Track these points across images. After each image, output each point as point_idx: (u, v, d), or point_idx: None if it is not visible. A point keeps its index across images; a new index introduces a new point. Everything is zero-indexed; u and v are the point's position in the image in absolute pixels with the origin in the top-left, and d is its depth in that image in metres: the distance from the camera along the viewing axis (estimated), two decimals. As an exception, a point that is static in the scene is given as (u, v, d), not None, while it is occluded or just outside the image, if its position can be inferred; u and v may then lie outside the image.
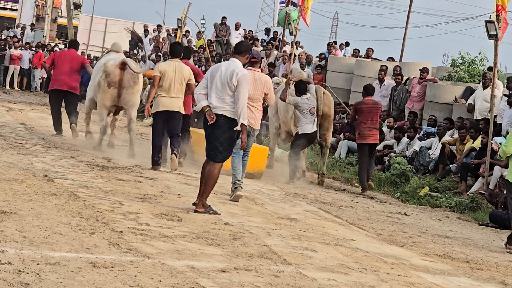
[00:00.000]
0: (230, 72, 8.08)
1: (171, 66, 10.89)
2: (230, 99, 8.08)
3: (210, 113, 8.09)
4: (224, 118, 8.09)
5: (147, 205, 8.08)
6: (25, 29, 35.87)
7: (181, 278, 5.33)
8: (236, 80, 8.03)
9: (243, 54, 8.31)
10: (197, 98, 8.26)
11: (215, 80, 8.13)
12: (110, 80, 12.22)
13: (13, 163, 9.57)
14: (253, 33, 27.16)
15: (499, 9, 12.41)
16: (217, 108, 8.09)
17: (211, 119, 8.09)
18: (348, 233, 8.36)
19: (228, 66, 8.19)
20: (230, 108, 8.09)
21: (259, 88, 9.81)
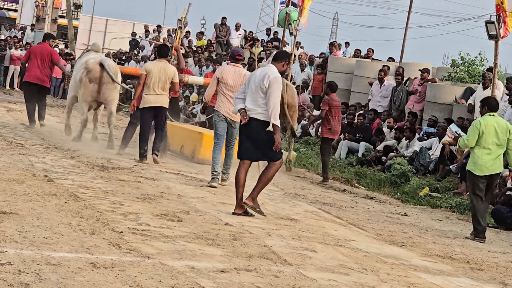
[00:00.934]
0: (263, 75, 8.37)
1: (156, 66, 11.66)
2: (262, 101, 8.35)
3: (243, 115, 8.43)
4: (257, 121, 8.39)
5: (147, 205, 8.08)
6: (25, 30, 35.90)
7: (181, 278, 5.33)
8: (268, 82, 8.30)
9: (279, 61, 8.60)
10: (235, 102, 8.67)
11: (251, 84, 8.47)
12: (91, 76, 12.99)
13: (13, 163, 9.57)
14: (253, 34, 27.15)
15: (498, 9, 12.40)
16: (250, 111, 8.41)
17: (244, 119, 8.42)
18: (348, 233, 8.36)
19: (262, 70, 8.52)
20: (262, 111, 8.37)
21: (238, 81, 10.43)
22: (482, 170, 9.34)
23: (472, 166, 9.42)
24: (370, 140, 15.78)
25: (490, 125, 9.33)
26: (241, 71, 10.67)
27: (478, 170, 9.35)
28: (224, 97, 10.48)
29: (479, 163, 9.34)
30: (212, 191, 9.94)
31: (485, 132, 9.30)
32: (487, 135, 9.30)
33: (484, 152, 9.32)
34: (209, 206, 8.71)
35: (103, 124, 17.85)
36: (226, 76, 10.55)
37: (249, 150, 8.44)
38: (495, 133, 9.32)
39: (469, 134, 9.45)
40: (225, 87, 10.50)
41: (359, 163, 15.11)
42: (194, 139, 13.16)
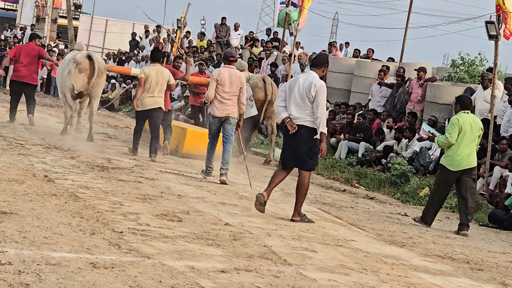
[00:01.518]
0: (308, 84, 8.48)
1: (153, 69, 12.47)
2: (309, 110, 8.49)
3: (291, 124, 8.54)
4: (305, 128, 8.51)
5: (147, 205, 8.08)
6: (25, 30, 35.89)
7: (181, 278, 5.33)
8: (315, 91, 8.44)
9: (319, 67, 8.73)
10: (278, 110, 8.78)
11: (294, 92, 8.55)
12: (82, 67, 13.61)
13: (14, 164, 9.57)
14: (253, 34, 27.16)
15: (498, 9, 12.40)
16: (297, 119, 8.52)
17: (292, 128, 8.52)
18: (348, 233, 8.36)
19: (306, 78, 8.60)
20: (310, 119, 8.50)
21: (235, 83, 10.95)
22: (457, 166, 9.68)
23: (447, 161, 9.73)
24: (370, 140, 15.78)
25: (467, 122, 9.65)
26: (237, 73, 11.07)
27: (453, 166, 9.68)
28: (218, 101, 10.91)
29: (455, 159, 9.66)
30: (212, 191, 9.94)
31: (463, 128, 9.63)
32: (464, 132, 9.63)
33: (461, 148, 9.64)
34: (209, 206, 8.71)
35: (102, 124, 17.96)
36: (223, 78, 10.92)
37: (290, 159, 8.70)
38: (471, 130, 9.66)
39: (450, 131, 9.67)
40: (222, 89, 10.89)
41: (359, 163, 15.11)
42: (178, 134, 13.68)
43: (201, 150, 12.47)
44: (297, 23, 20.19)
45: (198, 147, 13.15)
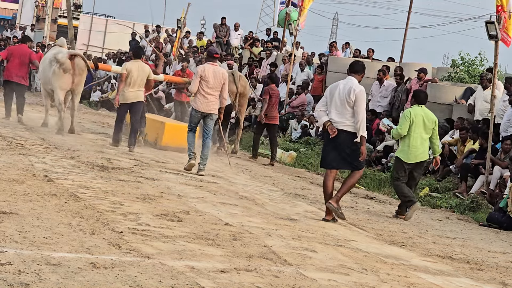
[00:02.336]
0: (348, 89, 8.82)
1: (135, 65, 13.24)
2: (349, 114, 8.82)
3: (332, 127, 8.85)
4: (345, 132, 8.85)
5: (147, 205, 8.08)
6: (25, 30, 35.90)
7: (181, 278, 5.33)
8: (354, 96, 8.78)
9: (359, 73, 9.11)
10: (318, 115, 9.11)
11: (334, 97, 8.89)
12: (65, 67, 14.31)
13: (14, 164, 9.57)
14: (253, 34, 27.17)
15: (499, 9, 12.40)
16: (338, 123, 8.84)
17: (333, 132, 8.82)
18: (348, 233, 8.36)
19: (345, 84, 8.93)
20: (350, 123, 8.83)
21: (219, 79, 11.50)
22: (410, 158, 10.18)
23: (401, 153, 10.26)
24: (370, 140, 15.77)
25: (419, 115, 10.14)
26: (220, 70, 11.69)
27: (407, 157, 10.20)
28: (202, 96, 11.47)
29: (408, 151, 10.17)
30: (212, 191, 9.94)
31: (415, 121, 10.10)
32: (416, 125, 10.11)
33: (414, 141, 10.13)
34: (209, 206, 8.71)
35: (103, 124, 18.01)
36: (207, 74, 11.47)
37: (335, 160, 8.95)
38: (423, 123, 10.13)
39: (401, 124, 10.23)
40: (206, 85, 11.44)
41: (359, 163, 15.09)
42: (157, 128, 14.54)
43: (178, 142, 13.82)
44: (297, 23, 20.20)
45: (176, 140, 14.11)
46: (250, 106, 20.59)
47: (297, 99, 19.22)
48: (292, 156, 15.94)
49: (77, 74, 14.40)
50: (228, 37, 27.28)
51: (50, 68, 14.47)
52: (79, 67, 14.42)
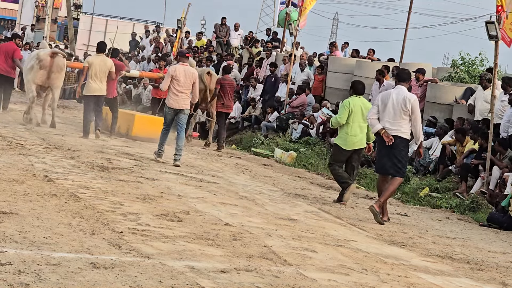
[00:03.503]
0: (403, 99, 9.38)
1: (97, 59, 14.38)
2: (403, 122, 9.40)
3: (387, 135, 9.40)
4: (400, 139, 9.42)
5: (147, 205, 8.08)
6: (25, 30, 35.88)
7: (181, 278, 5.33)
8: (410, 105, 9.36)
9: (406, 81, 9.73)
10: (371, 123, 9.60)
11: (388, 107, 9.41)
12: (42, 64, 15.33)
13: (14, 164, 9.57)
14: (253, 34, 27.16)
15: (499, 9, 12.40)
16: (392, 130, 9.40)
17: (389, 140, 9.35)
18: (348, 233, 8.36)
19: (398, 93, 9.45)
20: (403, 130, 9.42)
21: (189, 78, 12.33)
22: (348, 145, 10.70)
23: (340, 141, 10.77)
24: (370, 140, 15.76)
25: (357, 105, 10.67)
26: (190, 69, 12.52)
27: (345, 144, 10.71)
28: (174, 94, 12.31)
29: (347, 139, 10.69)
30: (212, 191, 9.94)
31: (354, 111, 10.62)
32: (355, 114, 10.63)
33: (352, 129, 10.66)
34: (209, 206, 8.71)
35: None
36: (178, 74, 12.30)
37: (386, 165, 9.52)
38: (361, 112, 10.62)
39: (340, 113, 10.75)
40: (177, 84, 12.27)
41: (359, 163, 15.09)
42: (128, 120, 15.74)
43: (147, 133, 15.11)
44: (297, 23, 20.19)
45: (145, 130, 15.37)
46: (250, 106, 20.67)
47: (297, 99, 19.21)
48: (292, 156, 15.95)
49: (54, 71, 15.37)
50: (228, 37, 27.27)
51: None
52: (58, 65, 15.39)
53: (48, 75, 15.38)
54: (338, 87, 19.33)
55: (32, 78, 15.47)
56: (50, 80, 15.46)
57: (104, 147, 13.12)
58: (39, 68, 15.35)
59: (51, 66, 15.34)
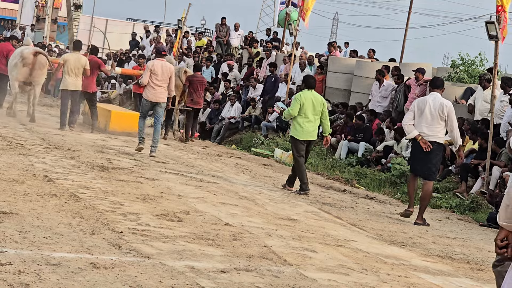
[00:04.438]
0: (439, 105, 9.77)
1: (72, 56, 15.27)
2: (440, 127, 9.82)
3: (424, 141, 9.80)
4: (437, 144, 9.85)
5: (147, 205, 8.08)
6: (25, 30, 35.87)
7: (181, 278, 5.33)
8: (447, 111, 9.76)
9: (440, 88, 10.07)
10: (408, 129, 9.95)
11: (425, 113, 9.77)
12: (25, 62, 16.19)
13: (14, 164, 9.57)
14: (253, 34, 27.15)
15: (499, 9, 12.40)
16: (428, 136, 9.80)
17: (427, 146, 9.75)
18: (348, 233, 8.36)
19: (434, 100, 9.83)
20: (441, 135, 9.88)
21: (166, 73, 13.14)
22: (303, 136, 11.25)
23: (294, 132, 11.34)
24: (370, 140, 15.77)
25: (309, 98, 11.24)
26: (167, 65, 13.33)
27: (299, 135, 11.26)
28: (151, 87, 13.07)
29: (301, 130, 11.24)
30: (212, 191, 9.94)
31: (305, 104, 11.19)
32: (306, 107, 11.19)
33: (305, 121, 11.21)
34: (209, 206, 8.71)
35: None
36: (156, 68, 13.09)
37: (421, 169, 9.93)
38: (313, 105, 11.23)
39: (292, 106, 11.34)
40: (155, 78, 13.05)
41: (359, 163, 15.10)
42: (105, 115, 16.59)
43: (124, 128, 16.16)
44: (297, 23, 20.19)
45: (121, 125, 16.33)
46: (250, 106, 20.67)
47: (297, 99, 19.21)
48: (292, 156, 15.94)
49: (36, 69, 16.25)
50: (228, 37, 27.27)
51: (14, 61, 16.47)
52: (40, 63, 16.29)
53: (30, 72, 16.26)
54: (338, 87, 19.32)
55: (16, 75, 16.34)
56: (32, 77, 16.35)
57: (104, 147, 13.13)
58: (22, 66, 16.15)
59: (34, 63, 16.18)
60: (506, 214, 3.78)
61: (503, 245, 3.85)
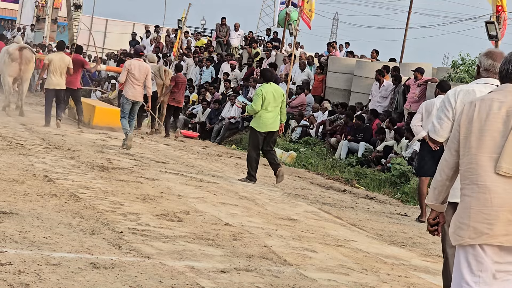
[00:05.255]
0: None
1: (57, 56, 15.97)
2: None
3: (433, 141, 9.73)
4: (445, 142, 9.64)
5: (147, 205, 8.08)
6: (25, 30, 35.84)
7: (181, 278, 5.33)
8: None
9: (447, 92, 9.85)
10: (416, 130, 9.92)
11: (432, 114, 9.63)
12: (13, 58, 17.13)
13: (14, 164, 9.57)
14: (253, 34, 27.14)
15: (499, 9, 12.41)
16: None
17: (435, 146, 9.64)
18: (348, 233, 8.36)
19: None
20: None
21: (143, 72, 13.90)
22: (263, 127, 11.56)
23: (255, 124, 11.63)
24: (370, 140, 15.77)
25: (269, 91, 11.58)
26: (144, 64, 14.15)
27: (260, 127, 11.56)
28: (130, 85, 13.79)
29: (261, 122, 11.56)
30: (212, 191, 9.94)
31: (267, 97, 11.53)
32: (267, 100, 11.53)
33: (266, 113, 11.54)
34: (209, 206, 8.71)
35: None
36: (133, 68, 13.84)
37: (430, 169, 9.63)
38: (274, 97, 11.59)
39: (255, 101, 11.60)
40: (133, 77, 13.78)
41: (359, 163, 15.10)
42: (89, 110, 17.42)
43: (107, 122, 16.90)
44: (297, 23, 20.19)
45: (104, 120, 17.09)
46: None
47: (296, 99, 19.21)
48: (292, 156, 15.95)
49: (23, 63, 17.14)
50: (228, 37, 27.27)
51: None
52: (26, 57, 17.19)
53: (19, 67, 17.16)
54: (338, 87, 19.31)
55: (7, 72, 17.21)
56: (20, 72, 17.23)
57: (104, 147, 13.13)
58: (10, 61, 17.07)
59: (20, 58, 17.11)
60: (433, 196, 4.27)
61: (435, 223, 4.41)
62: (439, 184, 4.20)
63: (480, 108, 3.93)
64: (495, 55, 5.17)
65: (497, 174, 3.78)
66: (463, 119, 3.99)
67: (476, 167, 3.84)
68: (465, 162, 3.94)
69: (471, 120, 3.94)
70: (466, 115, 3.99)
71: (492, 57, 5.17)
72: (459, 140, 4.01)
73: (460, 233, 3.87)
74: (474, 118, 3.93)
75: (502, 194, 3.76)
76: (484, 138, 3.87)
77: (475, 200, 3.82)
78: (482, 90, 5.13)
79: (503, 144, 3.80)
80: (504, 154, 3.78)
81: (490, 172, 3.80)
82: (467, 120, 3.96)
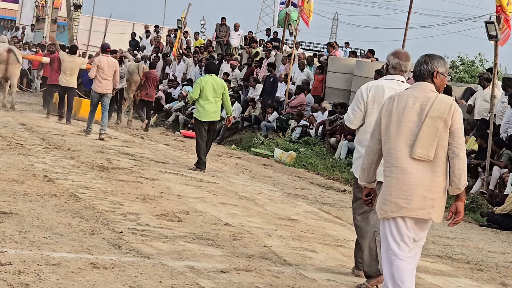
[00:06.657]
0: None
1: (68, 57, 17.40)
2: None
3: None
4: None
5: (147, 205, 8.08)
6: (25, 30, 35.82)
7: (181, 278, 5.33)
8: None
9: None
10: None
11: None
12: (1, 59, 18.41)
13: (13, 164, 9.57)
14: (253, 34, 27.13)
15: (498, 10, 12.40)
16: None
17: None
18: (348, 233, 8.35)
19: None
20: None
21: (111, 68, 15.14)
22: (205, 117, 12.10)
23: (197, 114, 12.24)
24: (369, 140, 15.75)
25: (209, 82, 12.16)
26: (112, 60, 15.43)
27: (202, 117, 12.12)
28: (98, 81, 15.00)
29: (202, 112, 12.11)
30: (212, 191, 9.94)
31: (205, 87, 12.10)
32: (207, 90, 12.10)
33: (206, 103, 12.11)
34: (209, 206, 8.71)
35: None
36: (102, 64, 15.08)
37: None
38: (213, 88, 12.14)
39: (193, 89, 12.30)
40: (102, 72, 15.00)
41: (359, 163, 15.09)
42: (76, 104, 18.78)
43: None
44: (297, 23, 20.19)
45: None
46: (250, 106, 20.67)
47: (296, 99, 19.20)
48: (292, 156, 15.95)
49: (10, 63, 18.56)
50: (228, 37, 27.26)
51: None
52: (13, 59, 18.57)
53: (6, 67, 18.61)
54: (338, 87, 19.30)
55: None
56: (8, 71, 18.69)
57: (104, 147, 13.13)
58: None
59: (8, 59, 18.50)
60: (364, 177, 4.89)
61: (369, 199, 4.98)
62: (367, 167, 4.83)
63: (398, 103, 4.64)
64: (401, 55, 5.91)
65: (412, 158, 4.54)
66: (384, 112, 4.67)
67: (395, 152, 4.59)
68: (386, 148, 4.65)
69: (390, 113, 4.63)
70: (386, 109, 4.67)
71: (398, 57, 5.88)
72: (381, 130, 4.67)
73: (384, 207, 4.62)
74: (393, 111, 4.63)
75: (417, 174, 4.56)
76: (402, 128, 4.58)
77: (395, 180, 4.58)
78: (390, 85, 5.81)
79: (417, 133, 4.53)
80: (418, 141, 4.53)
81: (406, 157, 4.56)
82: (387, 113, 4.65)
